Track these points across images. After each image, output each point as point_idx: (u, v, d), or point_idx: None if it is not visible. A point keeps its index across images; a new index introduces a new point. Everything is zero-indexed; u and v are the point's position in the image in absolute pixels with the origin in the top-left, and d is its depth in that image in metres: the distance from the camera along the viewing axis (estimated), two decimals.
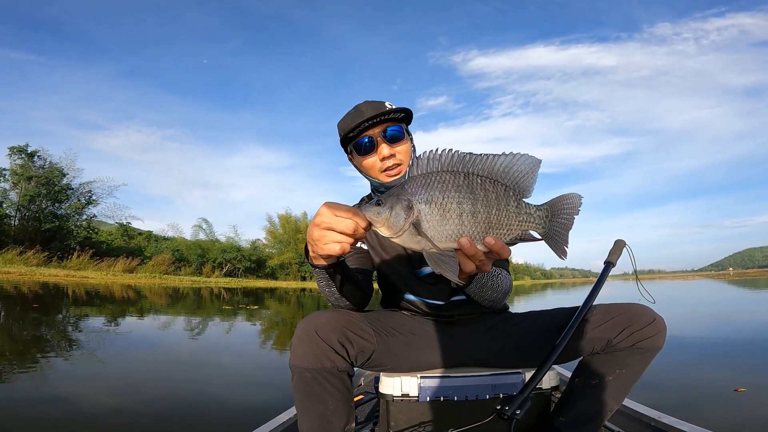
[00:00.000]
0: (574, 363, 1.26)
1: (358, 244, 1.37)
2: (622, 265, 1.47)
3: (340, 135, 1.34)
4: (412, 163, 0.79)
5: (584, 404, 1.18)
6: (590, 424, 1.18)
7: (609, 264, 1.38)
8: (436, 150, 0.79)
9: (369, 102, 1.31)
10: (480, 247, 0.79)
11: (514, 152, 0.80)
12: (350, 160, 1.38)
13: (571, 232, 0.84)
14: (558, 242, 0.84)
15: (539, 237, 0.84)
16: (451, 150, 0.79)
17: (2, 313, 6.34)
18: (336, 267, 1.05)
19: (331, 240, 0.83)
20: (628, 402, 1.69)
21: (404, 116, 1.31)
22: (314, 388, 1.05)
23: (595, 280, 1.34)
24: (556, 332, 1.18)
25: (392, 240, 0.79)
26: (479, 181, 0.79)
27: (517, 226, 0.81)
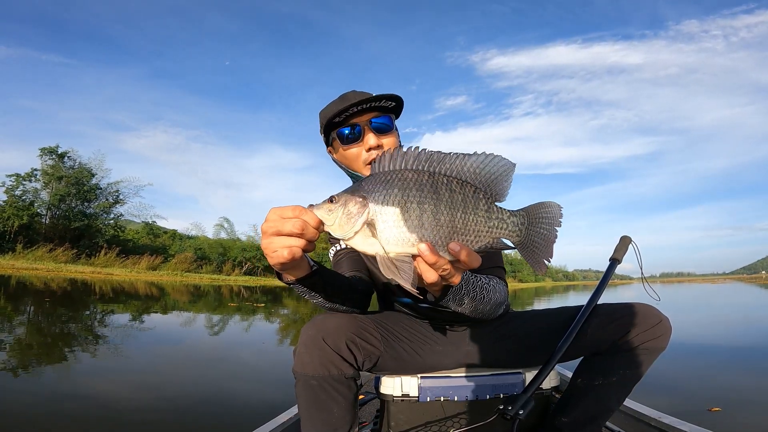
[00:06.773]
0: (574, 363, 1.22)
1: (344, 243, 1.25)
2: (644, 267, 1.40)
3: (321, 123, 1.24)
4: (375, 160, 0.72)
5: (587, 404, 1.15)
6: (592, 424, 1.15)
7: (614, 261, 1.33)
8: (402, 147, 0.72)
9: (356, 91, 1.23)
10: (444, 254, 0.70)
11: (487, 152, 0.72)
12: (329, 152, 1.30)
13: (555, 245, 0.75)
14: (536, 254, 0.75)
15: (513, 246, 0.75)
16: (418, 148, 0.72)
17: (31, 308, 6.59)
18: (312, 277, 0.93)
19: (279, 245, 0.73)
20: (628, 402, 1.65)
21: (393, 107, 1.22)
22: (320, 396, 1.01)
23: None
24: (560, 332, 1.15)
25: (345, 243, 0.72)
26: (445, 180, 0.70)
27: (487, 232, 0.72)
